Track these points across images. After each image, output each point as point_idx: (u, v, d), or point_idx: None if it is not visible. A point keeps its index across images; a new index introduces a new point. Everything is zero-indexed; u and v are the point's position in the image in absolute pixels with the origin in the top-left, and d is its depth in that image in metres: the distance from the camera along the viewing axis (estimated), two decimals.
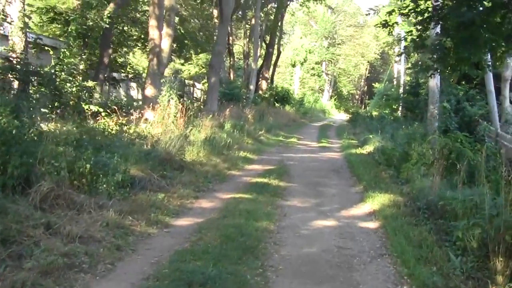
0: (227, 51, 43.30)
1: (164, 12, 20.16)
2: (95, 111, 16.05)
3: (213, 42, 31.77)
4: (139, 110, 17.92)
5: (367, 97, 72.64)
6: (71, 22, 20.56)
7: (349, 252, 7.98)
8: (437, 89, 19.12)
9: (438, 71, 14.46)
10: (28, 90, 14.36)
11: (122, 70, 29.21)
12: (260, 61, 45.91)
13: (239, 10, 42.82)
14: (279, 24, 47.75)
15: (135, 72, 30.38)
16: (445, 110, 19.88)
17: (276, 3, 45.79)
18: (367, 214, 10.63)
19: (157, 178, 11.33)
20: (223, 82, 33.88)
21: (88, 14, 23.04)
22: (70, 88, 16.64)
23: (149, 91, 19.26)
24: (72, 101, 16.50)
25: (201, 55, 41.43)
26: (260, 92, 42.68)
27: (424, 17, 12.94)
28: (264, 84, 45.05)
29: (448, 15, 11.63)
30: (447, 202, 9.08)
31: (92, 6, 21.07)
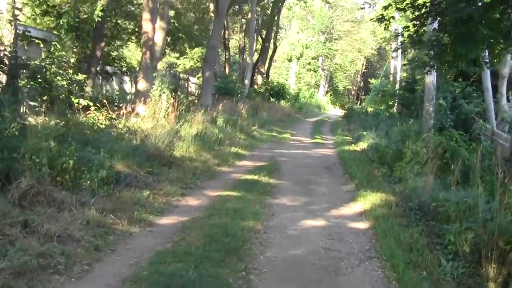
0: (223, 45, 43.06)
1: (158, 5, 19.89)
2: (85, 105, 15.81)
3: (209, 36, 31.49)
4: (131, 104, 17.69)
5: (363, 93, 72.37)
6: (63, 15, 20.31)
7: (337, 255, 7.72)
8: (433, 86, 18.86)
9: (435, 68, 14.23)
10: (17, 84, 14.08)
11: (116, 64, 28.88)
12: (256, 56, 45.64)
13: (236, 4, 42.49)
14: (276, 19, 47.42)
15: (129, 66, 30.04)
16: (441, 108, 19.66)
17: None
18: (358, 214, 10.38)
19: (144, 175, 11.06)
20: (218, 76, 33.64)
21: (81, 7, 22.83)
22: (61, 82, 16.38)
23: (142, 85, 19.00)
24: (62, 95, 16.25)
25: (197, 49, 41.13)
26: (256, 87, 42.43)
27: (422, 12, 12.78)
28: (260, 79, 44.77)
29: (446, 10, 11.48)
30: (440, 204, 8.83)
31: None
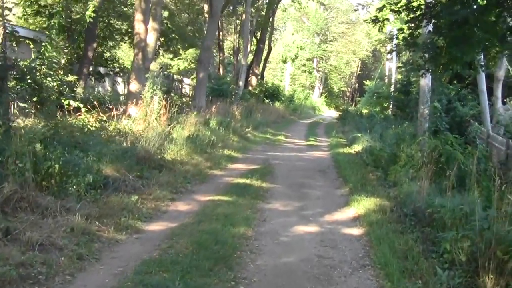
0: (217, 47, 42.88)
1: (151, 6, 19.69)
2: (76, 107, 15.60)
3: (202, 37, 31.31)
4: (122, 106, 17.48)
5: (358, 95, 72.36)
6: (54, 15, 20.11)
7: (330, 262, 7.48)
8: (428, 89, 18.69)
9: (430, 71, 14.06)
10: (6, 85, 13.83)
11: (108, 65, 28.70)
12: (251, 57, 45.50)
13: (230, 5, 42.36)
14: (270, 20, 47.31)
15: (121, 67, 29.83)
16: (436, 110, 19.51)
17: None
18: (352, 220, 10.15)
19: (133, 179, 10.82)
20: (212, 78, 33.46)
21: (73, 7, 22.60)
22: (51, 83, 16.17)
23: (134, 86, 18.83)
24: (53, 96, 16.03)
25: (191, 50, 40.94)
26: (250, 88, 42.28)
27: (416, 15, 12.60)
28: (254, 80, 44.65)
29: (441, 13, 11.33)
30: (436, 210, 8.60)
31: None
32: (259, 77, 46.66)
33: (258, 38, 46.33)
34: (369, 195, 11.62)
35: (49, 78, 16.20)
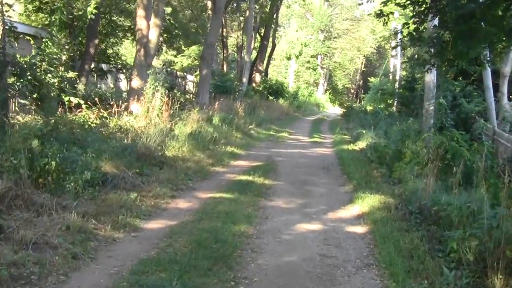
0: (221, 43, 42.76)
1: (153, 2, 19.51)
2: (77, 103, 15.45)
3: (206, 34, 31.16)
4: (124, 102, 17.32)
5: (362, 92, 71.91)
6: (55, 12, 19.93)
7: (333, 262, 7.28)
8: (433, 85, 18.48)
9: (435, 66, 13.83)
10: (5, 81, 13.67)
11: (111, 61, 28.52)
12: (255, 54, 45.31)
13: (234, 2, 42.18)
14: (274, 17, 47.08)
15: (124, 63, 29.64)
16: (441, 107, 19.26)
17: None
18: (356, 217, 9.95)
19: (132, 176, 10.60)
20: (216, 75, 33.30)
21: (74, 4, 22.43)
22: (51, 79, 15.99)
23: (136, 83, 18.66)
24: (53, 93, 15.86)
25: (194, 47, 40.77)
26: (254, 85, 42.09)
27: (422, 9, 12.39)
28: (258, 77, 44.47)
29: (447, 7, 11.11)
30: (442, 208, 8.38)
31: None
32: (263, 74, 46.47)
33: (262, 35, 46.13)
34: (374, 193, 11.41)
35: (50, 75, 16.01)
